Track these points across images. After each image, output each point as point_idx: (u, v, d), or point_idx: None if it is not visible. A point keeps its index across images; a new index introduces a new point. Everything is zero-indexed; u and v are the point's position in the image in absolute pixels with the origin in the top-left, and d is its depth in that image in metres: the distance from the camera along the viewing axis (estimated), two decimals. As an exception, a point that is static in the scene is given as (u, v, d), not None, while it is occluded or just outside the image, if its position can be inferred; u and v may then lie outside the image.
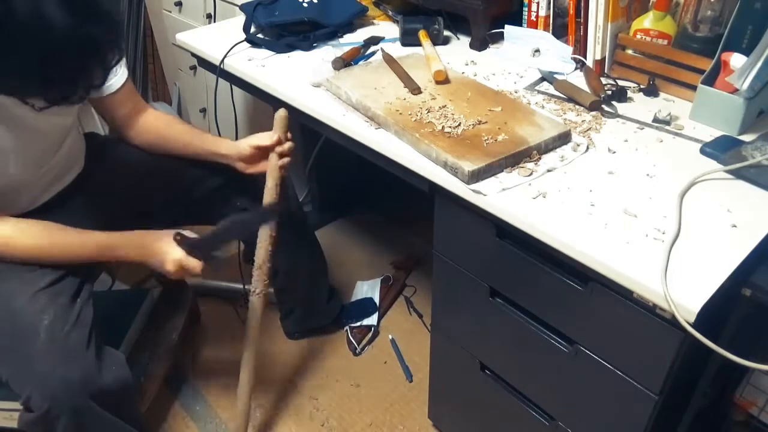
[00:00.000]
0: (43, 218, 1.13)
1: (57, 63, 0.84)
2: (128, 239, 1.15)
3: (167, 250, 1.14)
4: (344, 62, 1.32)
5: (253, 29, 1.49)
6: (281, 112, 1.28)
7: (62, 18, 0.80)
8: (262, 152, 1.29)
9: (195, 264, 1.14)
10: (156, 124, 1.32)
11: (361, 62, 1.38)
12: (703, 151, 1.01)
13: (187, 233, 1.17)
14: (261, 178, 1.29)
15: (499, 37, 1.40)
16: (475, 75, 1.29)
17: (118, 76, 1.23)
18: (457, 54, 1.39)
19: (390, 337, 1.78)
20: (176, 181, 1.36)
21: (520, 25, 1.36)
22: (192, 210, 1.40)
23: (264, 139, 1.27)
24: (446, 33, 1.47)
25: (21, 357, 1.04)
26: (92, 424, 1.09)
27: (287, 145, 1.29)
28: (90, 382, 1.05)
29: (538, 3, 1.31)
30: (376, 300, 1.86)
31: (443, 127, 1.05)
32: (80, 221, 1.17)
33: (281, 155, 1.28)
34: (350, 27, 1.55)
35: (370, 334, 1.78)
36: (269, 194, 1.28)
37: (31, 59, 0.82)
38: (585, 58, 1.26)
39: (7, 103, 1.01)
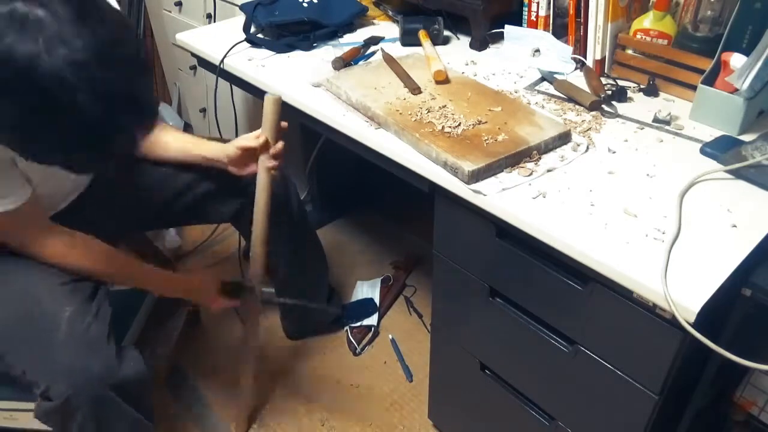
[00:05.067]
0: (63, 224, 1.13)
1: (86, 147, 0.79)
2: (183, 284, 1.35)
3: (213, 299, 1.32)
4: (344, 62, 1.32)
5: (253, 29, 1.49)
6: (271, 97, 1.18)
7: (94, 109, 0.74)
8: (252, 153, 1.24)
9: (233, 303, 1.35)
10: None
11: (361, 62, 1.38)
12: (703, 151, 1.01)
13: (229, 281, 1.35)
14: (252, 180, 1.26)
15: (499, 37, 1.40)
16: (475, 75, 1.29)
17: None
18: (457, 54, 1.39)
19: (390, 337, 1.78)
20: (168, 186, 1.35)
21: (520, 25, 1.36)
22: (183, 214, 1.39)
23: (250, 139, 1.23)
24: (446, 33, 1.47)
25: (42, 347, 1.05)
26: (110, 413, 1.10)
27: (278, 146, 1.23)
28: (111, 374, 1.07)
29: (538, 3, 1.31)
30: (376, 300, 1.86)
31: (443, 127, 1.05)
32: (89, 226, 1.17)
33: (272, 156, 1.23)
34: (350, 27, 1.55)
35: (370, 334, 1.78)
36: (259, 200, 1.25)
37: (64, 142, 0.78)
38: (585, 58, 1.26)
39: None
